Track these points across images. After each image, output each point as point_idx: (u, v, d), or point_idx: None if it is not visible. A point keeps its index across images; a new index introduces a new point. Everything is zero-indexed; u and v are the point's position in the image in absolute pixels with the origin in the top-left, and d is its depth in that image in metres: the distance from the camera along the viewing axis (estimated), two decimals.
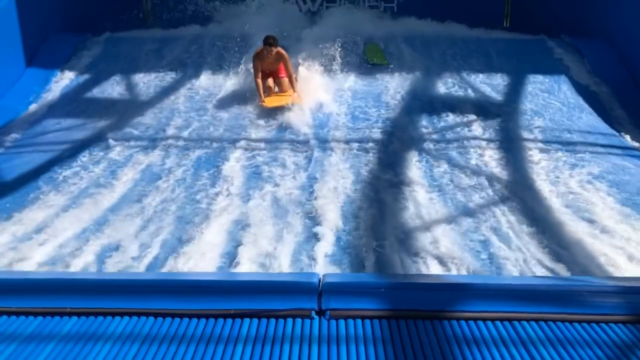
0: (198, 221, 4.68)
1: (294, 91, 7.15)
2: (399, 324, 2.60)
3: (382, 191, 5.30)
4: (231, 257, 4.17)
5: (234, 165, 5.83)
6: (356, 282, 2.95)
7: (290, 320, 2.62)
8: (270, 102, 6.99)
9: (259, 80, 7.03)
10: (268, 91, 7.17)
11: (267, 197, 5.13)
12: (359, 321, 2.62)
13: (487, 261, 4.17)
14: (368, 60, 8.51)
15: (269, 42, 6.93)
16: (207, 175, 5.60)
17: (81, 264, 4.10)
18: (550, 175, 5.63)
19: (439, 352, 2.40)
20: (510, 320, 2.63)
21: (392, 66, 8.38)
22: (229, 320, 2.62)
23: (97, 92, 7.91)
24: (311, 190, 5.29)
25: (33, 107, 7.59)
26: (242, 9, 9.64)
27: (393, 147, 6.29)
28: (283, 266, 4.06)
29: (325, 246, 4.37)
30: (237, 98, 7.44)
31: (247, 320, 2.62)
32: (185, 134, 6.65)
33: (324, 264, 4.14)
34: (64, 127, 6.93)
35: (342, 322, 2.62)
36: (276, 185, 5.39)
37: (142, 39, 9.21)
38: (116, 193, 5.22)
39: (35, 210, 4.91)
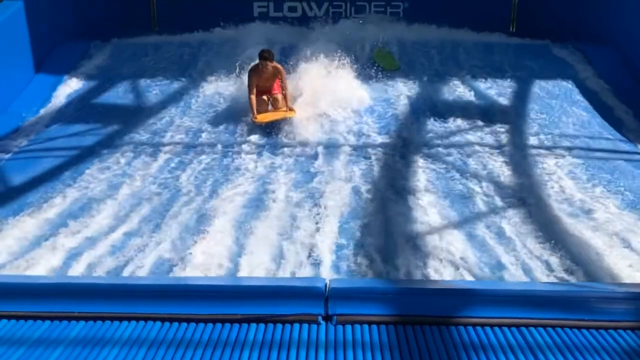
0: None
1: (288, 107, 6.96)
2: (405, 329, 2.59)
3: (388, 196, 5.30)
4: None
5: (240, 172, 5.84)
6: (363, 287, 2.94)
7: (296, 325, 2.62)
8: (263, 118, 6.84)
9: (253, 97, 6.81)
10: (262, 107, 6.96)
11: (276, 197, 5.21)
12: (365, 327, 2.62)
13: (495, 267, 4.16)
14: (379, 65, 8.47)
15: (265, 55, 6.77)
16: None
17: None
18: (557, 181, 5.60)
19: (446, 358, 2.39)
20: (517, 326, 2.62)
21: (393, 69, 8.37)
22: (236, 325, 2.62)
23: (104, 97, 7.97)
24: (317, 194, 5.30)
25: (41, 113, 7.64)
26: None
27: (399, 152, 6.29)
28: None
29: (331, 251, 4.36)
30: (244, 104, 7.46)
31: (253, 325, 2.61)
32: (192, 139, 6.68)
33: (329, 269, 4.14)
34: (72, 133, 6.97)
35: (348, 327, 2.61)
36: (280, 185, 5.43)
37: (149, 45, 9.28)
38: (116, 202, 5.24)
39: (43, 212, 4.94)
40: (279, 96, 7.03)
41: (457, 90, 7.99)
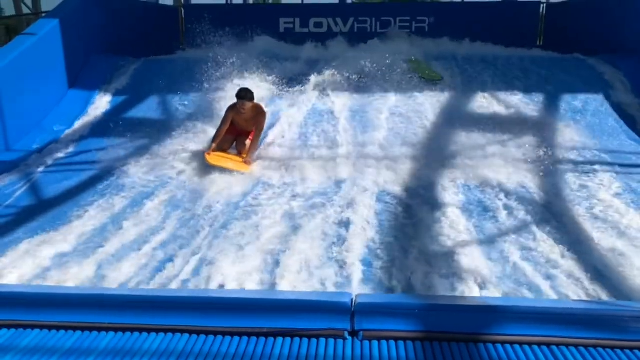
0: None
1: (246, 159, 6.32)
2: (433, 346, 2.56)
3: (414, 210, 5.25)
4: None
5: (270, 185, 5.89)
6: (390, 302, 2.91)
7: (322, 340, 2.61)
8: (214, 160, 6.18)
9: (221, 132, 6.31)
10: (225, 145, 6.47)
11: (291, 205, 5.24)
12: (392, 342, 2.59)
13: (524, 284, 4.06)
14: (420, 76, 8.45)
15: (241, 95, 6.21)
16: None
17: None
18: (587, 197, 5.48)
19: None
20: (549, 345, 2.55)
21: (436, 80, 8.36)
22: (262, 339, 2.62)
23: (135, 111, 8.16)
24: (341, 207, 5.29)
25: (74, 127, 7.85)
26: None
27: (426, 165, 6.25)
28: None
29: (356, 266, 4.33)
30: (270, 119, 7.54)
31: (279, 339, 2.62)
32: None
33: (355, 284, 4.10)
34: (104, 146, 7.14)
35: (375, 343, 2.59)
36: (300, 199, 5.45)
37: (178, 60, 9.50)
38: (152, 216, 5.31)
39: (77, 224, 5.05)
40: (247, 142, 6.46)
41: (486, 103, 7.93)
